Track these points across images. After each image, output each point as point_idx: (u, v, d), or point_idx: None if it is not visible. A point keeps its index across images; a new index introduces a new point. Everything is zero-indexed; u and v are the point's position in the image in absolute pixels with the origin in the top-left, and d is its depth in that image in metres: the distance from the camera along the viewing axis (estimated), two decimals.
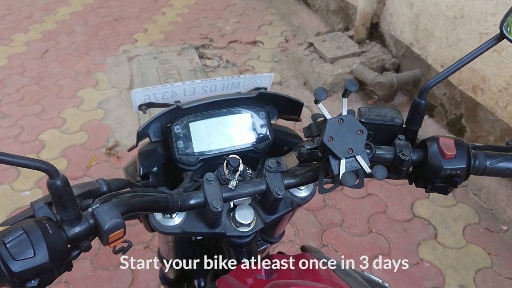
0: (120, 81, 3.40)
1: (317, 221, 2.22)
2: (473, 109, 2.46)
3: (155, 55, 3.76)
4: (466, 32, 2.39)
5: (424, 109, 0.64)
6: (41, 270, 0.47)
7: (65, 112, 3.05)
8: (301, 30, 4.13)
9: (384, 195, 2.36)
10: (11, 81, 3.42)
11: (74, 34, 4.15)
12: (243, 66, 3.62)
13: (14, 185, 2.43)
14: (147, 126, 0.77)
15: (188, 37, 4.08)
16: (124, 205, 0.54)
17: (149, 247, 2.06)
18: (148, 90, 0.80)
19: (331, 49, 3.22)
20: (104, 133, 2.84)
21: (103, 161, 2.59)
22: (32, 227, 0.47)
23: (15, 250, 0.45)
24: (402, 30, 3.00)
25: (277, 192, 0.65)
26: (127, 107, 3.08)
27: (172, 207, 0.61)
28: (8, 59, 3.72)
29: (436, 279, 1.95)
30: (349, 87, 0.59)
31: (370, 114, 0.66)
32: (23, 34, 4.16)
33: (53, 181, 0.47)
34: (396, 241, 2.11)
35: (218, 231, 0.69)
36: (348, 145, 0.57)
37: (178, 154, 0.78)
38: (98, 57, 3.75)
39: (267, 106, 0.84)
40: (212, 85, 0.85)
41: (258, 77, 0.87)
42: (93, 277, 1.93)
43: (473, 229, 2.18)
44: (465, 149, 0.62)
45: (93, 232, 0.52)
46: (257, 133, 0.82)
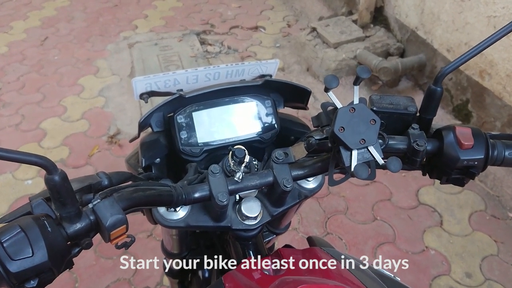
0: (121, 68, 3.37)
1: (321, 209, 2.20)
2: (480, 94, 2.42)
3: (156, 42, 3.71)
4: (474, 16, 2.34)
5: (440, 96, 0.61)
6: (40, 269, 0.45)
7: (66, 100, 3.02)
8: (303, 15, 4.07)
9: (389, 182, 2.34)
10: (11, 69, 3.39)
11: (74, 21, 4.10)
12: (244, 52, 3.57)
13: (16, 174, 2.42)
14: (149, 116, 0.74)
15: (189, 23, 4.02)
16: (126, 200, 0.52)
17: (152, 235, 2.05)
18: (149, 78, 0.77)
19: (334, 34, 3.17)
20: (106, 121, 2.81)
21: (105, 149, 2.57)
22: (30, 224, 0.45)
23: (13, 250, 0.43)
24: (407, 14, 2.94)
25: (285, 184, 0.62)
26: (128, 95, 3.04)
27: (176, 201, 0.59)
28: (8, 47, 3.68)
29: (442, 267, 1.93)
30: (362, 74, 0.55)
31: (382, 102, 0.63)
32: (23, 21, 4.11)
33: (51, 176, 0.45)
34: (401, 228, 2.10)
35: (223, 224, 0.67)
36: (360, 135, 0.55)
37: (181, 144, 0.75)
38: (98, 44, 3.70)
39: (273, 94, 0.81)
40: (216, 73, 0.82)
41: (263, 64, 0.84)
42: (97, 266, 1.93)
43: (479, 216, 2.16)
44: (483, 139, 0.59)
45: (94, 228, 0.50)
46: (263, 122, 0.79)
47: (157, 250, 1.99)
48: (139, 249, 1.99)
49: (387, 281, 0.61)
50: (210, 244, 0.94)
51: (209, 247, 0.94)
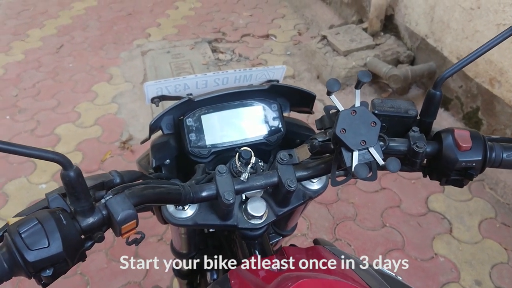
0: (134, 76, 3.43)
1: (330, 215, 2.21)
2: (490, 102, 2.42)
3: (168, 49, 3.77)
4: (483, 24, 2.35)
5: (439, 100, 0.63)
6: (56, 260, 0.47)
7: (80, 106, 3.08)
8: (314, 23, 4.10)
9: (398, 189, 2.34)
10: (27, 76, 3.47)
11: (89, 29, 4.19)
12: (255, 60, 3.61)
13: (31, 178, 2.47)
14: (160, 118, 0.77)
15: (201, 31, 4.08)
16: (137, 197, 0.54)
17: (163, 239, 2.08)
18: (160, 83, 0.80)
19: (344, 42, 3.19)
20: (118, 127, 2.86)
21: (117, 155, 2.62)
22: (46, 217, 0.48)
23: (30, 240, 0.46)
24: (417, 22, 2.96)
25: (289, 185, 0.64)
26: (140, 101, 3.10)
27: (184, 199, 0.61)
28: (24, 54, 3.77)
29: (451, 274, 1.93)
30: (362, 79, 0.58)
31: (384, 105, 0.65)
32: (39, 29, 4.21)
33: (66, 172, 0.48)
34: (410, 235, 2.10)
35: (230, 223, 0.69)
36: (361, 137, 0.57)
37: (190, 146, 0.78)
38: (112, 52, 3.78)
39: (279, 98, 0.84)
40: (224, 78, 0.85)
41: (270, 70, 0.87)
42: (108, 269, 1.96)
43: (489, 223, 2.15)
44: (481, 141, 0.61)
45: (106, 223, 0.53)
46: (269, 126, 0.82)
47: (167, 253, 2.01)
48: (150, 253, 2.02)
49: (388, 279, 0.63)
50: (218, 244, 0.96)
51: (217, 247, 0.96)
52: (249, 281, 0.60)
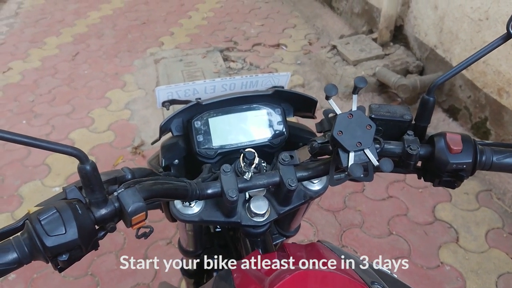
0: (147, 83, 3.50)
1: (337, 222, 2.23)
2: (498, 112, 2.43)
3: (181, 58, 3.85)
4: (492, 34, 2.37)
5: (433, 105, 0.67)
6: (71, 246, 0.52)
7: (94, 112, 3.16)
8: (325, 33, 4.15)
9: (405, 198, 2.35)
10: (43, 82, 3.57)
11: (104, 37, 4.29)
12: (266, 69, 3.66)
13: (45, 181, 2.54)
14: (169, 120, 0.82)
15: (213, 40, 4.15)
16: (146, 191, 0.59)
17: (171, 243, 2.12)
18: (171, 87, 0.85)
19: (354, 51, 3.23)
20: (131, 132, 2.93)
21: (129, 160, 2.68)
22: (64, 207, 0.52)
23: (49, 227, 0.50)
24: (426, 33, 2.99)
25: (290, 184, 0.68)
26: (152, 108, 3.16)
27: (191, 195, 0.65)
28: (41, 61, 3.88)
29: (457, 283, 1.93)
30: (359, 84, 0.62)
31: (380, 110, 0.69)
32: (56, 37, 4.32)
33: (83, 165, 0.52)
34: (416, 243, 2.11)
35: (234, 220, 0.73)
36: (357, 139, 0.60)
37: (198, 147, 0.82)
38: (126, 60, 3.87)
39: (283, 103, 0.88)
40: (232, 83, 0.89)
41: (276, 76, 0.91)
42: (118, 271, 2.00)
43: (496, 233, 2.15)
44: (471, 144, 0.64)
45: (118, 214, 0.57)
46: (273, 129, 0.86)
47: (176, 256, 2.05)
48: (159, 256, 2.06)
49: (382, 274, 0.66)
50: (224, 244, 1.00)
51: (223, 246, 1.00)
52: (250, 274, 0.63)
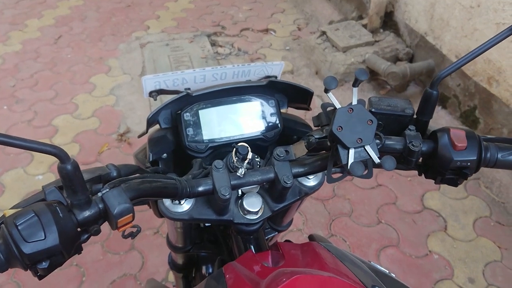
0: (132, 68, 3.42)
1: (326, 211, 2.22)
2: (487, 101, 2.42)
3: (167, 42, 3.76)
4: (483, 22, 2.35)
5: (436, 99, 0.64)
6: (52, 252, 0.48)
7: (78, 98, 3.08)
8: (314, 19, 4.09)
9: (394, 186, 2.35)
10: (25, 66, 3.46)
11: (87, 20, 4.17)
12: (254, 54, 3.60)
13: (28, 169, 2.47)
14: (157, 112, 0.78)
15: (200, 24, 4.07)
16: (133, 191, 0.55)
17: (159, 232, 2.09)
18: (158, 77, 0.81)
19: (344, 38, 3.19)
20: (116, 119, 2.86)
21: (115, 147, 2.62)
22: (43, 210, 0.48)
23: (27, 233, 0.46)
24: (416, 19, 2.96)
25: (285, 181, 0.65)
26: (138, 94, 3.09)
27: (181, 194, 0.62)
28: (22, 45, 3.75)
29: (445, 271, 1.94)
30: (360, 77, 0.58)
31: (381, 104, 0.65)
32: (37, 19, 4.18)
33: (63, 165, 0.48)
34: (405, 232, 2.11)
35: (226, 218, 0.69)
36: (357, 134, 0.57)
37: (187, 141, 0.78)
38: (110, 44, 3.76)
39: (277, 94, 0.84)
40: (222, 73, 0.85)
41: (269, 65, 0.87)
42: (104, 261, 1.96)
43: (484, 222, 2.16)
44: (476, 141, 0.61)
45: (103, 216, 0.53)
46: (267, 122, 0.82)
47: (163, 247, 2.02)
48: (146, 246, 2.03)
49: (381, 276, 0.64)
50: (214, 239, 0.96)
51: (213, 241, 0.97)
52: (244, 276, 0.60)
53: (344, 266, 0.60)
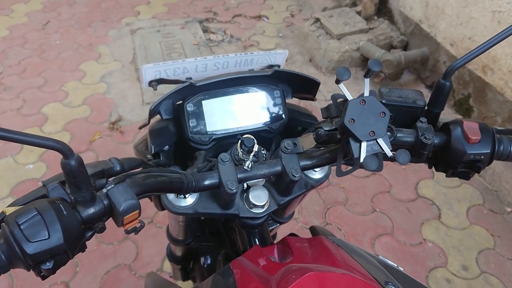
0: (123, 55, 3.35)
1: (321, 200, 2.22)
2: (482, 89, 2.42)
3: (158, 28, 3.69)
4: (478, 10, 2.34)
5: (449, 91, 0.62)
6: (56, 252, 0.45)
7: (68, 85, 3.01)
8: (307, 5, 4.05)
9: (389, 175, 2.35)
10: (12, 52, 3.37)
11: (76, 5, 4.07)
12: (247, 41, 3.55)
13: (18, 158, 2.42)
14: (159, 103, 0.75)
15: (192, 10, 4.00)
16: (139, 186, 0.52)
17: (153, 222, 2.07)
18: (159, 66, 0.78)
19: (338, 25, 3.16)
20: (107, 107, 2.81)
21: (106, 136, 2.57)
22: (46, 208, 0.45)
23: (29, 232, 0.44)
24: (411, 7, 2.93)
25: (293, 174, 0.63)
26: (130, 81, 3.04)
27: (187, 188, 0.60)
28: (9, 30, 3.66)
29: (439, 259, 1.96)
30: (373, 67, 0.56)
31: (392, 95, 0.64)
32: (24, 4, 4.08)
33: (67, 161, 0.45)
34: (399, 220, 2.12)
35: (231, 212, 0.68)
36: (370, 127, 0.55)
37: (190, 132, 0.76)
38: (100, 30, 3.69)
39: (282, 84, 0.82)
40: (225, 62, 0.82)
41: (272, 54, 0.85)
42: (98, 252, 1.94)
43: (477, 210, 2.18)
44: (490, 134, 0.60)
45: (108, 213, 0.51)
46: (271, 113, 0.80)
47: (158, 236, 2.01)
48: (140, 235, 2.01)
49: (391, 270, 0.63)
50: (215, 231, 0.95)
51: (214, 234, 0.95)
52: (252, 272, 0.59)
53: (356, 262, 0.59)
